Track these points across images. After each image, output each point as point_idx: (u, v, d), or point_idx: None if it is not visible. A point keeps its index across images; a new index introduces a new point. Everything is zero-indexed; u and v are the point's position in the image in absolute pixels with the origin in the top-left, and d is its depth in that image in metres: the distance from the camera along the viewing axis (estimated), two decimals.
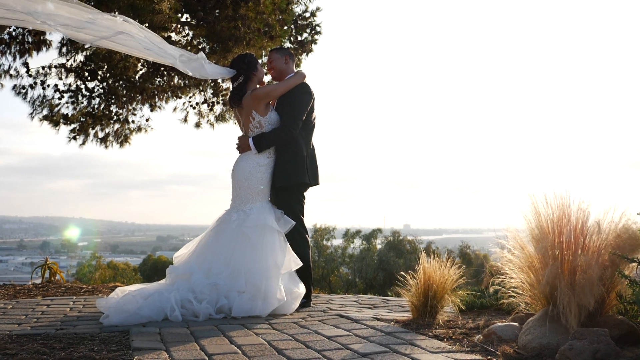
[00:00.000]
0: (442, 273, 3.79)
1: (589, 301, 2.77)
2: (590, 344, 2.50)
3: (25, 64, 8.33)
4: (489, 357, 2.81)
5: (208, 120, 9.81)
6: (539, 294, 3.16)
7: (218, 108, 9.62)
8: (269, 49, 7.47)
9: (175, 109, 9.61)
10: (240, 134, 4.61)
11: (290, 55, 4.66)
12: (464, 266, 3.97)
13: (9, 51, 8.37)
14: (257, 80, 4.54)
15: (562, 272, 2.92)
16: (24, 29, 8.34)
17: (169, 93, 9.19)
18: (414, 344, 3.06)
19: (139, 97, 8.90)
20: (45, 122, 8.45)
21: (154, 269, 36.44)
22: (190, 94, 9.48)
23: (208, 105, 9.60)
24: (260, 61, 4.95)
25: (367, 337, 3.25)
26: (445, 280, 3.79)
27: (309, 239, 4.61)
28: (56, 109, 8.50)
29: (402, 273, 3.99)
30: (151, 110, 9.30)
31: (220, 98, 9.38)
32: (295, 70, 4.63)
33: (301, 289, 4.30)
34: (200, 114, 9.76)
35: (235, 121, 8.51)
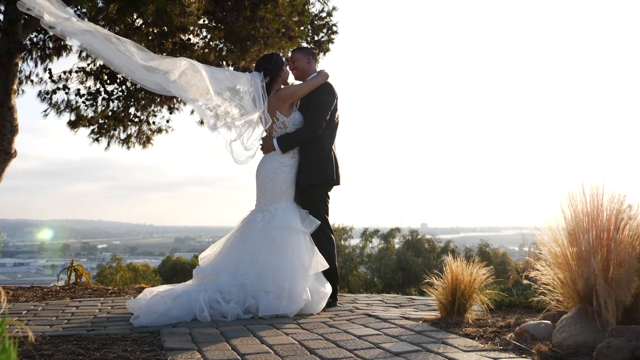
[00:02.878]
0: (470, 271, 3.76)
1: (627, 296, 2.73)
2: (629, 342, 2.46)
3: (48, 70, 8.43)
4: (524, 355, 2.78)
5: (225, 123, 9.82)
6: (572, 291, 3.13)
7: (235, 110, 9.63)
8: (288, 49, 7.49)
9: (192, 111, 9.65)
10: (264, 134, 4.62)
11: (313, 55, 4.65)
12: (490, 266, 3.94)
13: (30, 57, 8.48)
14: (281, 81, 4.55)
15: (598, 267, 2.89)
16: (45, 34, 8.45)
17: None
18: (446, 342, 3.04)
19: (157, 99, 8.96)
20: (67, 125, 8.55)
21: (173, 270, 36.67)
22: (208, 96, 9.49)
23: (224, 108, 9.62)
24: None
25: (398, 336, 3.24)
26: (473, 279, 3.77)
27: (334, 239, 4.60)
28: (77, 112, 8.59)
29: (432, 271, 3.98)
30: (170, 113, 9.36)
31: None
32: (318, 70, 4.63)
33: (327, 288, 4.30)
34: (216, 117, 9.78)
35: None
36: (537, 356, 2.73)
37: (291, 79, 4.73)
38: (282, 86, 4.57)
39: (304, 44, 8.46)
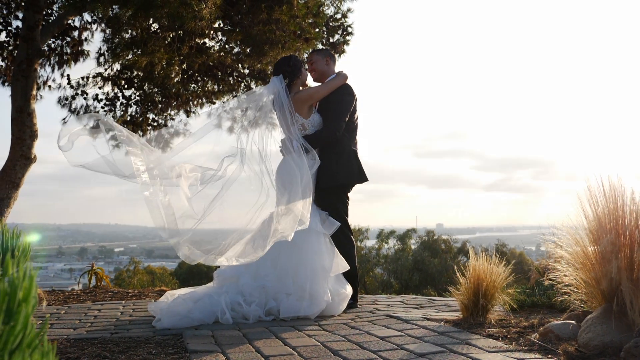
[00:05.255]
0: (492, 271, 3.74)
1: None
2: None
3: (67, 76, 8.52)
4: (549, 355, 2.76)
5: (242, 125, 9.84)
6: (596, 291, 3.09)
7: (251, 112, 9.65)
8: (304, 51, 7.50)
9: (210, 114, 9.68)
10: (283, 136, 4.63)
11: (331, 56, 4.65)
12: (512, 264, 3.90)
13: (48, 63, 8.57)
14: (300, 83, 4.55)
15: (622, 267, 2.85)
16: (62, 40, 8.55)
17: (203, 99, 9.28)
18: (470, 343, 3.03)
19: (174, 103, 9.03)
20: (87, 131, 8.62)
21: (189, 273, 36.74)
22: (224, 99, 9.55)
23: (242, 110, 9.64)
24: None
25: (421, 337, 3.22)
26: (495, 279, 3.74)
27: (354, 240, 4.59)
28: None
29: (450, 272, 3.97)
30: (187, 116, 9.41)
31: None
32: (337, 72, 4.63)
33: (348, 290, 4.29)
34: (233, 119, 9.80)
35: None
36: (563, 356, 2.71)
37: (309, 81, 4.73)
38: (300, 88, 4.57)
39: (320, 46, 8.47)
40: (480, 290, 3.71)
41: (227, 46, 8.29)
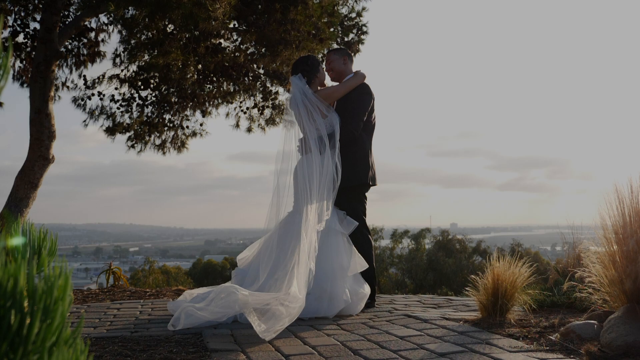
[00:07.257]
0: (512, 272, 3.71)
1: None
2: None
3: (83, 77, 8.58)
4: (572, 356, 2.73)
5: (259, 125, 9.88)
6: (619, 291, 3.06)
7: (267, 112, 9.69)
8: (319, 52, 7.50)
9: (227, 114, 9.72)
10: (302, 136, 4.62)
11: (349, 55, 4.64)
12: (535, 264, 3.87)
13: (65, 64, 8.64)
14: (318, 82, 4.55)
15: None
16: (79, 41, 8.62)
17: (219, 99, 9.31)
18: (491, 343, 3.01)
19: (190, 104, 9.06)
20: (103, 132, 8.68)
21: (204, 273, 37.03)
22: (241, 99, 9.57)
23: (258, 110, 9.68)
24: None
25: (441, 336, 3.21)
26: (515, 279, 3.72)
27: (371, 239, 4.58)
28: (113, 119, 8.72)
29: (465, 272, 3.95)
30: (203, 116, 9.44)
31: (270, 102, 9.45)
32: (354, 71, 4.62)
33: (366, 289, 4.28)
34: (251, 119, 9.85)
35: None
36: (586, 357, 2.68)
37: (327, 80, 4.72)
38: (319, 87, 4.57)
39: (334, 46, 8.46)
40: (500, 290, 3.69)
41: (241, 46, 8.31)
